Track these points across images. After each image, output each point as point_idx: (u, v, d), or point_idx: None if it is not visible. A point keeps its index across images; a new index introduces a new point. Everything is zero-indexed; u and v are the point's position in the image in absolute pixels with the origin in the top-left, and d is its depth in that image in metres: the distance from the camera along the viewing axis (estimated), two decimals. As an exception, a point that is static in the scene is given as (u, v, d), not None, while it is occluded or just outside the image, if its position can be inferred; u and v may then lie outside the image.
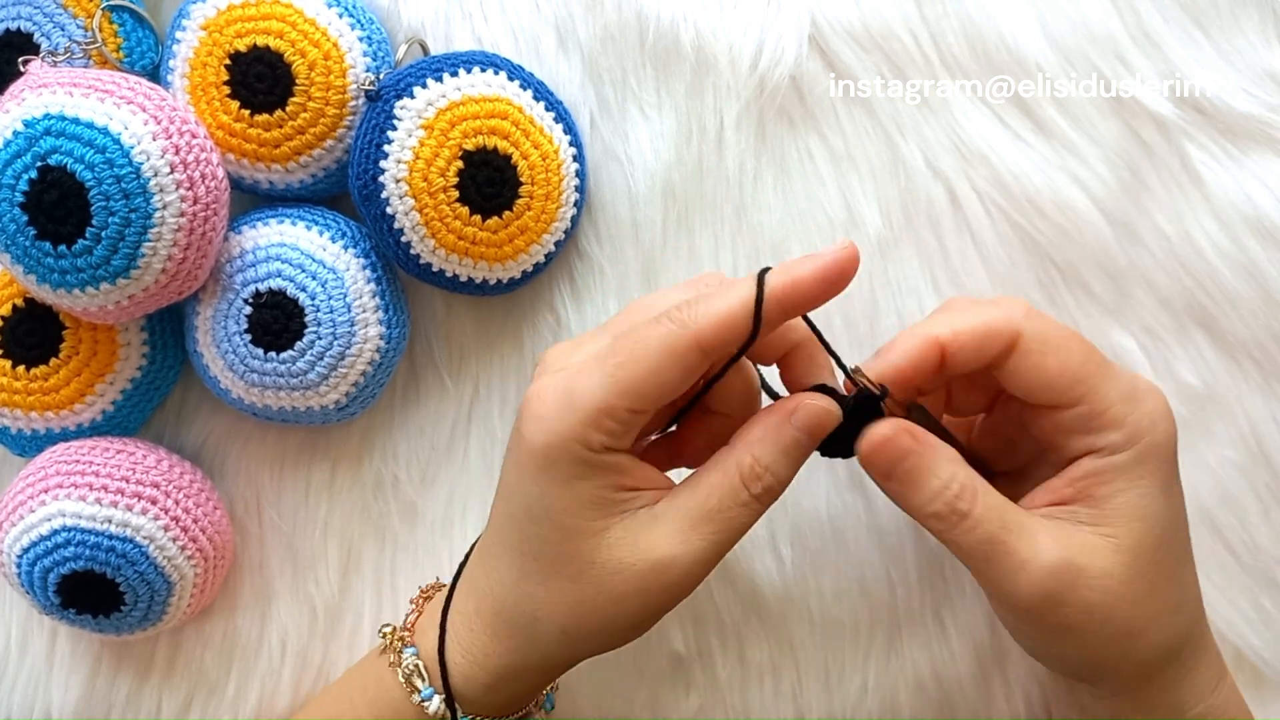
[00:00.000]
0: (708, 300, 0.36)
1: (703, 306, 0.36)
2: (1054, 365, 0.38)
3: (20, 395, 0.47)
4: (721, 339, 0.36)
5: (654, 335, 0.36)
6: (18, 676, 0.51)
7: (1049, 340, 0.38)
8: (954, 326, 0.38)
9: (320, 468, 0.50)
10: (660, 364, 0.36)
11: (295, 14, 0.45)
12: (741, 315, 0.36)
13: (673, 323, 0.36)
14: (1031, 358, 0.38)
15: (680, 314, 0.36)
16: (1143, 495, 0.38)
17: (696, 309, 0.36)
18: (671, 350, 0.36)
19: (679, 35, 0.48)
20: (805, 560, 0.49)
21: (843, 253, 0.36)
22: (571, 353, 0.39)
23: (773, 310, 0.36)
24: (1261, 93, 0.48)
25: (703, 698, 0.50)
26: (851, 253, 0.37)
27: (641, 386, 0.36)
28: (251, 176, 0.46)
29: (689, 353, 0.36)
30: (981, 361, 0.39)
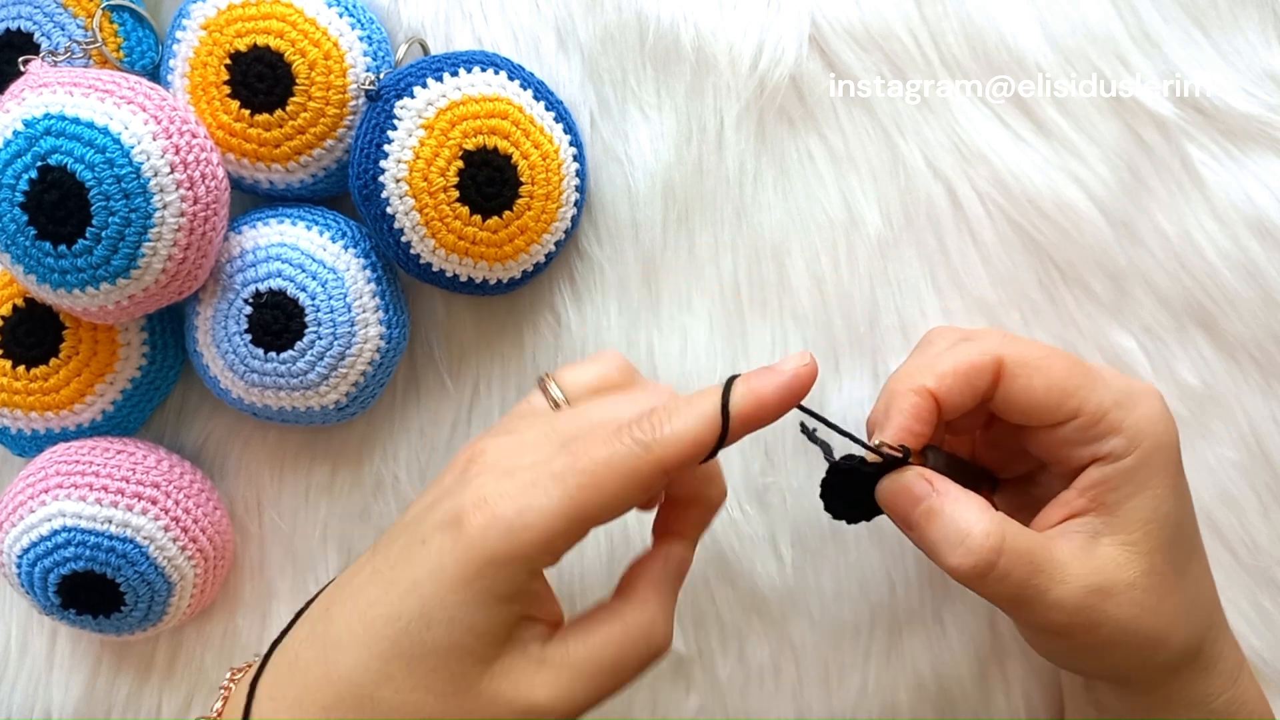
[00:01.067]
0: (671, 418, 0.35)
1: (667, 428, 0.35)
2: (1041, 385, 0.39)
3: (20, 395, 0.47)
4: (685, 461, 0.35)
5: (617, 457, 0.34)
6: (18, 676, 0.51)
7: (1031, 362, 0.39)
8: (938, 372, 0.39)
9: (320, 468, 0.50)
10: (623, 487, 0.34)
11: (295, 14, 0.45)
12: (706, 437, 0.35)
13: (636, 444, 0.34)
14: (1018, 382, 0.39)
15: (643, 434, 0.34)
16: (1154, 496, 0.39)
17: (660, 429, 0.35)
18: (634, 473, 0.34)
19: (679, 35, 0.48)
20: (805, 560, 0.50)
21: (803, 368, 0.36)
22: (516, 454, 0.36)
23: (736, 430, 0.35)
24: (1261, 93, 0.48)
25: (703, 697, 0.50)
26: (811, 367, 0.36)
27: (603, 509, 0.34)
28: (252, 176, 0.46)
29: (652, 475, 0.34)
30: (973, 399, 0.39)
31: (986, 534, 0.37)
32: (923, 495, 0.38)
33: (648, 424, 0.35)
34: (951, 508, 0.38)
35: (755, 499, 0.49)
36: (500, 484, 0.34)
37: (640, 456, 0.34)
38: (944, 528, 0.37)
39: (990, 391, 0.40)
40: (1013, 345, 0.40)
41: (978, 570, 0.37)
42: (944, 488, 0.38)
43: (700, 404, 0.35)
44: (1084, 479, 0.39)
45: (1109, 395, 0.39)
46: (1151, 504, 0.38)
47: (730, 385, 0.36)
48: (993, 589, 0.37)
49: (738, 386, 0.36)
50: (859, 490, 0.40)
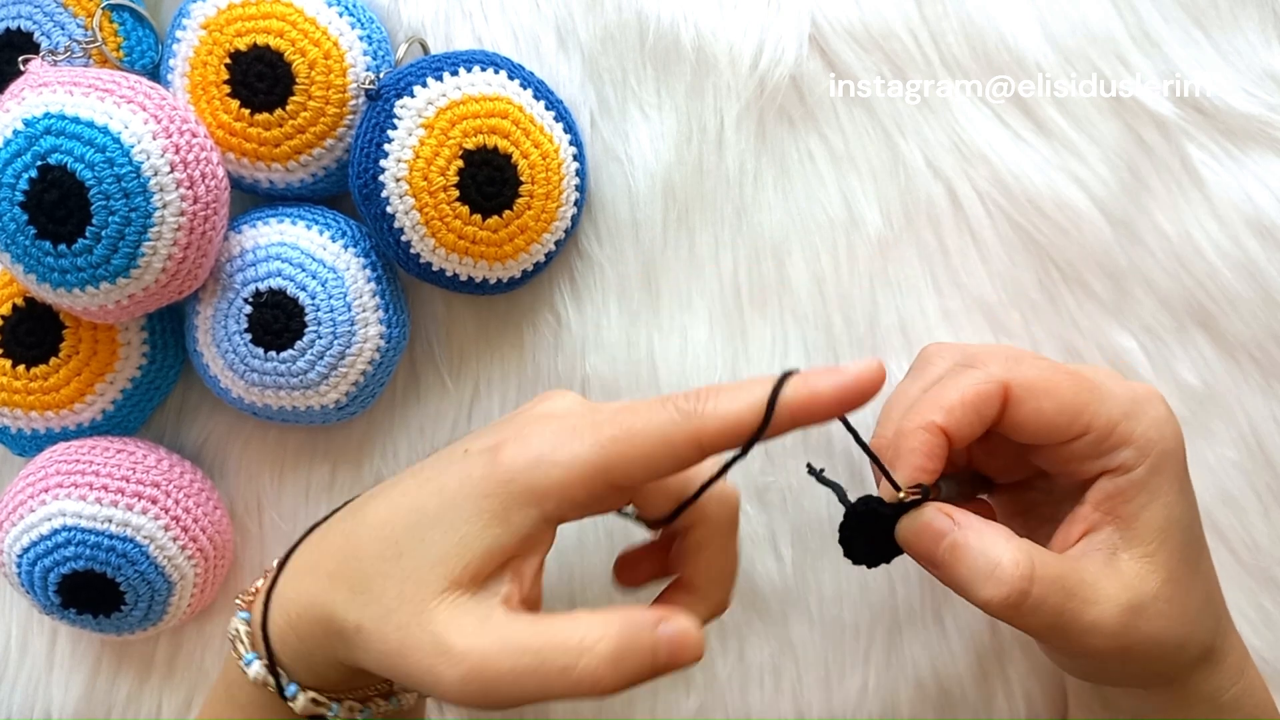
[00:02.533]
0: (718, 396, 0.34)
1: (711, 402, 0.34)
2: (1050, 408, 0.38)
3: (20, 395, 0.47)
4: (723, 440, 0.34)
5: (655, 419, 0.34)
6: (18, 676, 0.51)
7: (1038, 386, 0.39)
8: (945, 405, 0.38)
9: (320, 467, 0.50)
10: (655, 449, 0.34)
11: (295, 13, 0.45)
12: (750, 420, 0.34)
13: (677, 412, 0.34)
14: (1026, 406, 0.39)
15: (687, 404, 0.34)
16: (1165, 505, 0.39)
17: (705, 404, 0.34)
18: (669, 439, 0.34)
19: (679, 35, 0.48)
20: (805, 560, 0.49)
21: (868, 373, 0.34)
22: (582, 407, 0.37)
23: (783, 420, 0.34)
24: (1261, 93, 0.48)
25: (703, 698, 0.50)
26: (879, 375, 0.34)
27: (629, 467, 0.34)
28: (252, 176, 0.46)
29: (686, 445, 0.34)
30: (982, 427, 0.39)
31: (1016, 563, 0.36)
32: (945, 530, 0.37)
33: (694, 396, 0.35)
34: (977, 540, 0.37)
35: (755, 499, 0.49)
36: (545, 425, 0.36)
37: (678, 424, 0.34)
38: (972, 561, 0.37)
39: (998, 418, 0.39)
40: (1017, 369, 0.39)
41: (1010, 601, 0.36)
42: (965, 520, 0.38)
43: (751, 388, 0.34)
44: (1096, 492, 0.39)
45: (1117, 407, 0.38)
46: (1164, 512, 0.38)
47: (786, 376, 0.35)
48: (1028, 619, 0.37)
49: (794, 379, 0.34)
50: (878, 531, 0.39)
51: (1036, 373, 0.39)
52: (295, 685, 0.37)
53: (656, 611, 0.34)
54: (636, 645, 0.33)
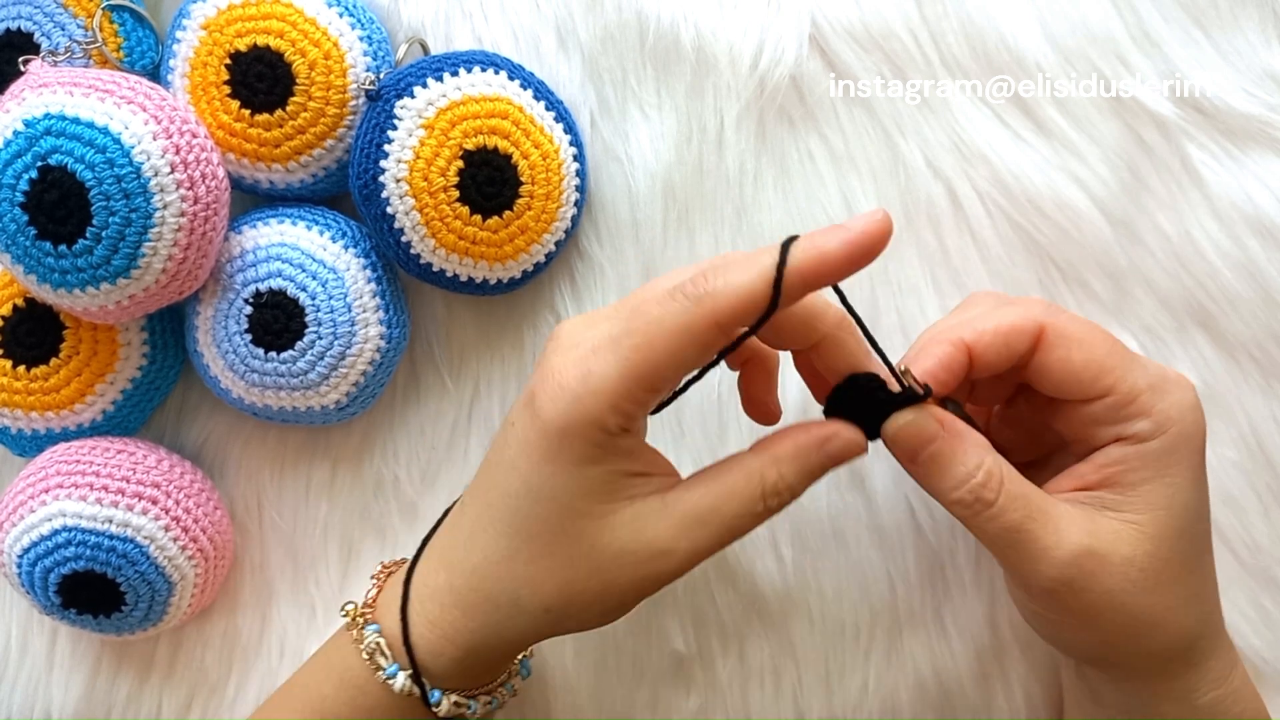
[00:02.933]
0: (725, 273, 0.34)
1: (719, 281, 0.34)
2: (1079, 359, 0.38)
3: (20, 395, 0.47)
4: (739, 316, 0.34)
5: (669, 315, 0.34)
6: (18, 676, 0.51)
7: (1072, 335, 0.39)
8: (978, 329, 0.39)
9: (321, 468, 0.50)
10: (677, 345, 0.35)
11: (295, 14, 0.45)
12: (761, 290, 0.34)
13: (688, 299, 0.34)
14: (1056, 353, 0.39)
15: (695, 289, 0.34)
16: (1171, 484, 0.38)
17: (713, 283, 0.34)
18: (687, 330, 0.34)
19: (679, 35, 0.48)
20: (805, 560, 0.50)
21: (874, 225, 0.34)
22: (586, 329, 0.37)
23: (794, 286, 0.34)
24: (1261, 93, 0.48)
25: (703, 697, 0.50)
26: (884, 225, 0.34)
27: (659, 369, 0.35)
28: (252, 176, 0.46)
29: (706, 331, 0.34)
30: (1008, 361, 0.39)
31: (988, 471, 0.37)
32: (933, 436, 0.38)
33: (700, 278, 0.34)
34: (956, 444, 0.38)
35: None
36: (566, 356, 0.36)
37: (691, 312, 0.34)
38: (948, 461, 0.37)
39: (1027, 358, 0.39)
40: (1057, 315, 0.39)
41: (975, 502, 0.37)
42: (953, 428, 0.38)
43: (758, 257, 0.34)
44: (1102, 455, 0.39)
45: (1144, 378, 0.38)
46: (1167, 491, 0.38)
47: (790, 240, 0.34)
48: (987, 526, 0.37)
49: (800, 242, 0.34)
50: (866, 411, 0.38)
51: (1075, 324, 0.39)
52: (439, 692, 0.40)
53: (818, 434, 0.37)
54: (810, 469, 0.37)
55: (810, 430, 0.38)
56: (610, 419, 0.36)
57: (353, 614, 0.41)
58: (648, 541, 0.37)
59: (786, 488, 0.37)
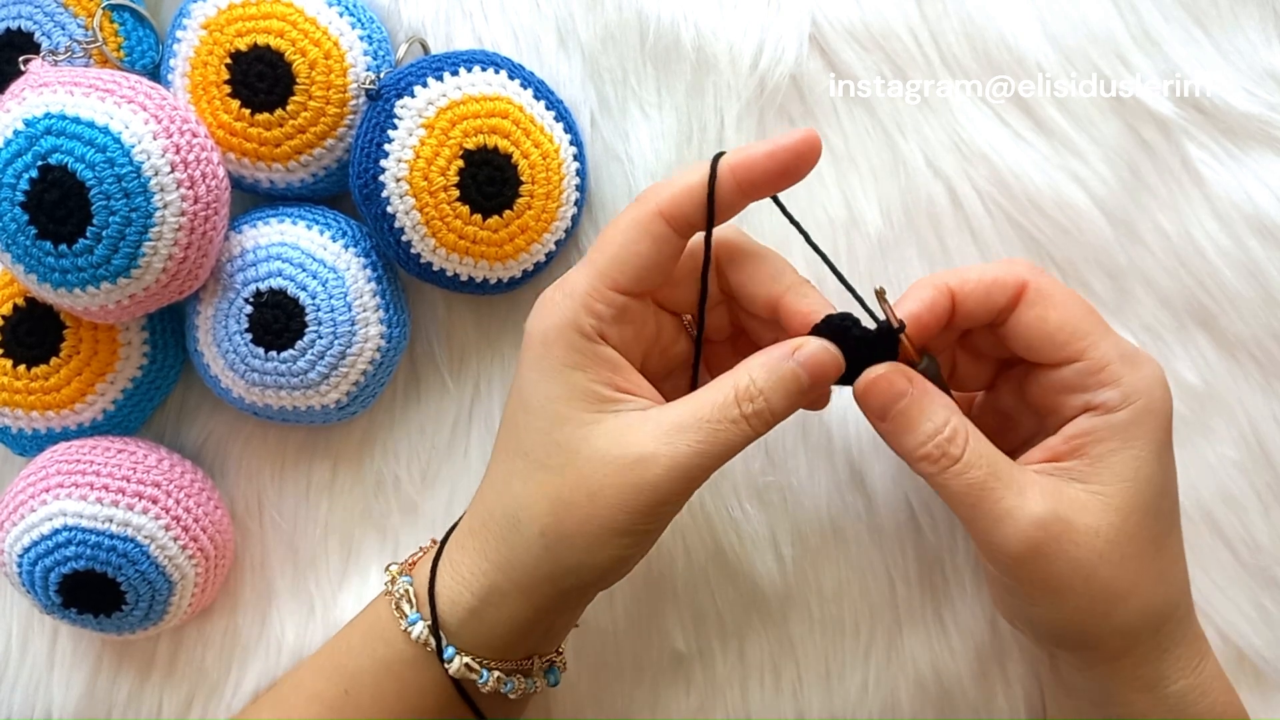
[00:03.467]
0: (667, 179, 0.39)
1: (662, 184, 0.39)
2: (1055, 319, 0.39)
3: (21, 395, 0.47)
4: (681, 208, 0.38)
5: (622, 217, 0.39)
6: (19, 676, 0.51)
7: (1051, 296, 0.40)
8: (963, 277, 0.40)
9: (321, 467, 0.50)
10: (629, 236, 0.39)
11: (296, 13, 0.45)
12: (698, 186, 0.38)
13: (636, 201, 0.39)
14: (1034, 310, 0.40)
15: (643, 193, 0.39)
16: (1136, 457, 0.39)
17: (658, 187, 0.39)
18: (636, 222, 0.39)
19: (679, 35, 0.48)
20: (805, 559, 0.50)
21: (799, 139, 0.38)
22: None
23: (727, 184, 0.38)
24: (1262, 92, 0.48)
25: (703, 696, 0.50)
26: (809, 140, 0.38)
27: (618, 260, 0.39)
28: (252, 176, 0.46)
29: (652, 221, 0.38)
30: (988, 312, 0.40)
31: (954, 428, 0.38)
32: (903, 392, 0.38)
33: (650, 187, 0.40)
34: (926, 403, 0.38)
35: (755, 498, 0.49)
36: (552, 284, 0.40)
37: (639, 209, 0.39)
38: (916, 417, 0.38)
39: (1006, 314, 0.40)
40: (1042, 276, 0.40)
41: (940, 463, 0.38)
42: (922, 387, 0.39)
43: (693, 166, 0.39)
44: (1071, 427, 0.40)
45: (1115, 349, 0.39)
46: (1134, 464, 0.39)
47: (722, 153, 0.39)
48: (951, 483, 0.38)
49: (731, 151, 0.39)
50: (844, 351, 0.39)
51: (1056, 287, 0.40)
52: (453, 649, 0.40)
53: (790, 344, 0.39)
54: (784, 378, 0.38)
55: (783, 342, 0.39)
56: (584, 318, 0.39)
57: (393, 571, 0.43)
58: (627, 447, 0.38)
59: (759, 393, 0.38)
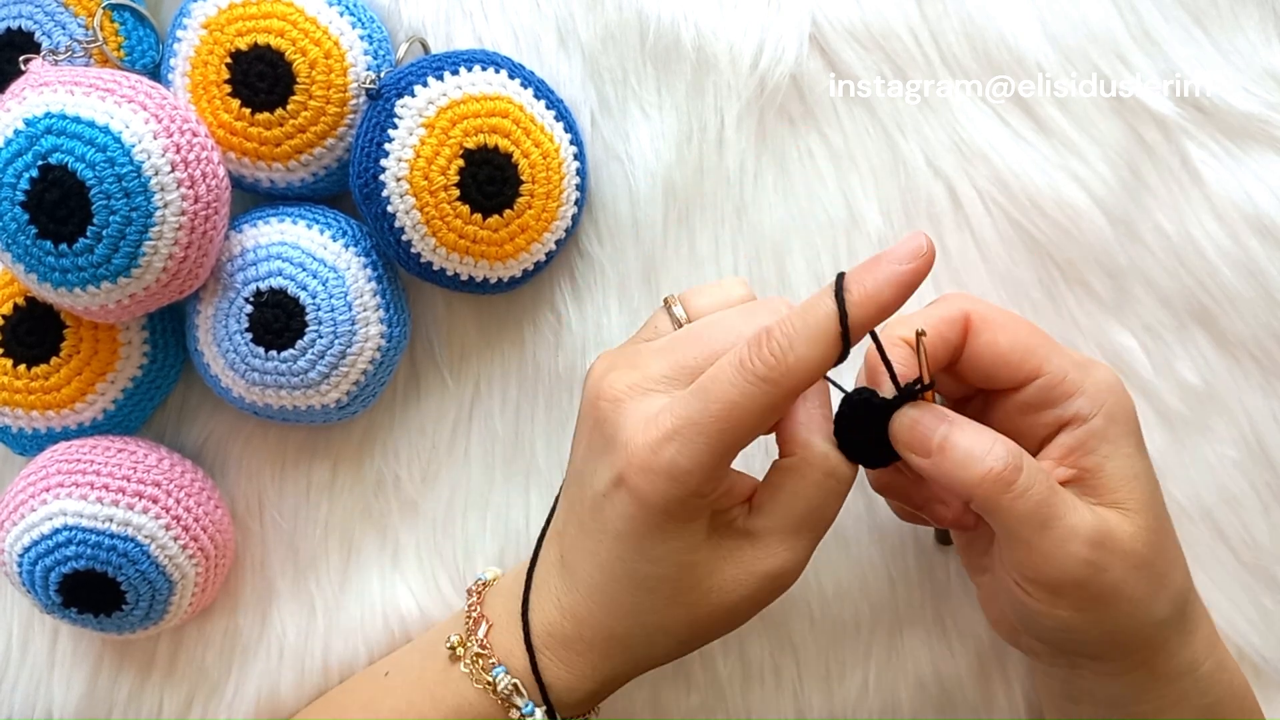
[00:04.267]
0: (792, 345, 0.36)
1: (791, 357, 0.36)
2: (1005, 341, 0.40)
3: (21, 394, 0.47)
4: (812, 382, 0.37)
5: (747, 398, 0.36)
6: (19, 676, 0.51)
7: (995, 320, 0.40)
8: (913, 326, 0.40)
9: (321, 467, 0.50)
10: (758, 420, 0.37)
11: (296, 12, 0.45)
12: (831, 354, 0.36)
13: (764, 382, 0.36)
14: (983, 338, 0.40)
15: (766, 370, 0.36)
16: (1127, 458, 0.39)
17: (785, 360, 0.36)
18: (767, 409, 0.36)
19: (679, 35, 0.48)
20: (806, 559, 0.50)
21: (921, 259, 0.36)
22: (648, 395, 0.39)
23: (858, 331, 0.36)
24: (1262, 91, 0.48)
25: (703, 696, 0.50)
26: (929, 256, 0.36)
27: (742, 442, 0.37)
28: (252, 175, 0.46)
29: (784, 405, 0.37)
30: (949, 354, 0.41)
31: (1009, 450, 0.37)
32: (939, 423, 0.38)
33: (769, 356, 0.36)
34: (970, 432, 0.38)
35: (756, 498, 0.49)
36: (647, 437, 0.37)
37: (770, 394, 0.36)
38: (965, 449, 0.37)
39: (959, 349, 0.40)
40: (978, 304, 0.41)
41: (1004, 478, 0.37)
42: (956, 419, 0.38)
43: (819, 323, 0.36)
44: (1056, 447, 0.40)
45: (1067, 359, 0.40)
46: (1128, 463, 0.39)
47: (841, 288, 0.36)
48: (1016, 504, 0.37)
49: (852, 290, 0.36)
50: (872, 426, 0.39)
51: (995, 311, 0.41)
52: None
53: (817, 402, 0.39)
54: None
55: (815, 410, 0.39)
56: (705, 489, 0.37)
57: (462, 648, 0.43)
58: (758, 571, 0.39)
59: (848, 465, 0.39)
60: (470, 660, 0.42)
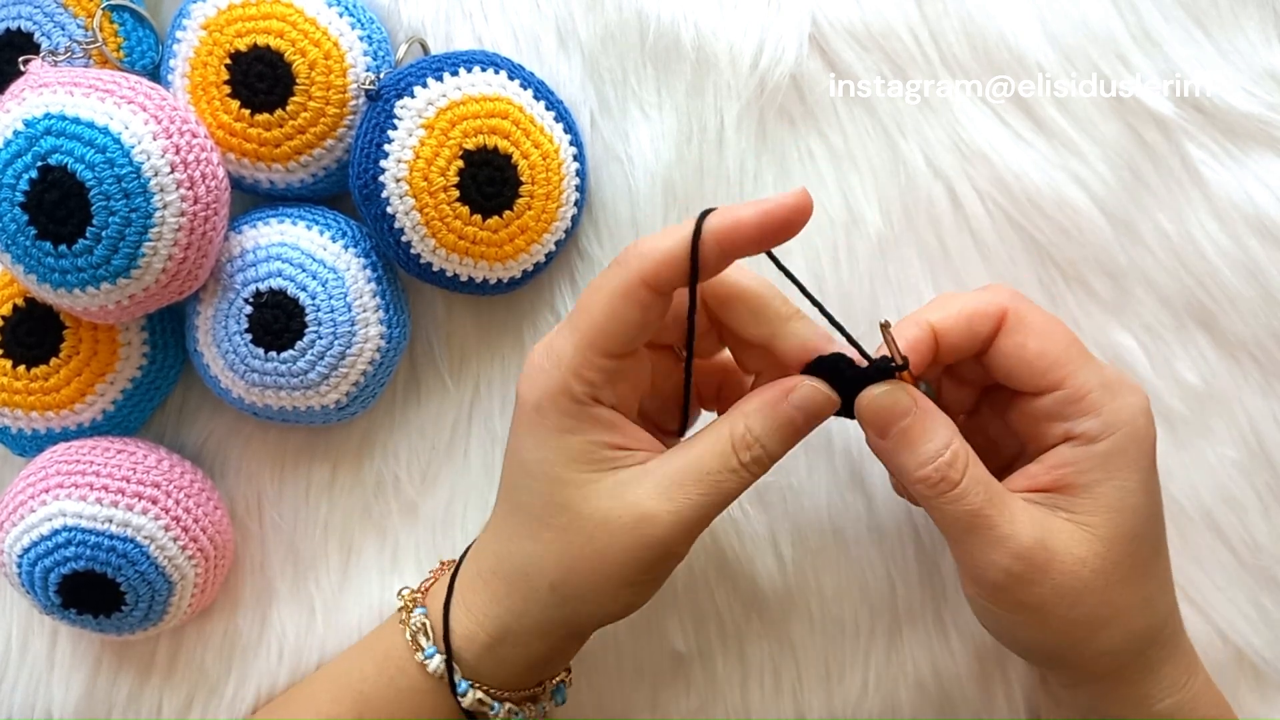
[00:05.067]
0: (648, 240, 0.38)
1: (644, 245, 0.38)
2: (1034, 347, 0.39)
3: (21, 395, 0.47)
4: (664, 275, 0.37)
5: (604, 283, 0.38)
6: (19, 676, 0.51)
7: (1032, 324, 0.40)
8: (944, 311, 0.40)
9: (321, 467, 0.50)
10: (614, 306, 0.38)
11: (296, 13, 0.45)
12: (681, 251, 0.37)
13: (618, 266, 0.38)
14: (1014, 338, 0.39)
15: (624, 256, 0.38)
16: (1120, 487, 0.38)
17: (638, 248, 0.38)
18: (621, 291, 0.37)
19: (679, 35, 0.48)
20: (805, 560, 0.50)
21: (791, 200, 0.37)
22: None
23: (711, 249, 0.37)
24: (1262, 92, 0.48)
25: (703, 696, 0.50)
26: (802, 202, 0.37)
27: (605, 330, 0.38)
28: (252, 176, 0.46)
29: (637, 289, 0.37)
30: (971, 344, 0.40)
31: (955, 451, 0.38)
32: (906, 410, 0.38)
33: (630, 248, 0.38)
34: (929, 423, 0.38)
35: (755, 499, 0.49)
36: (538, 345, 0.40)
37: (620, 275, 0.37)
38: (918, 437, 0.38)
39: (988, 342, 0.40)
40: (1022, 303, 0.40)
41: (944, 483, 0.37)
42: (925, 405, 0.38)
43: (677, 227, 0.38)
44: (1053, 456, 0.39)
45: (1096, 377, 0.39)
46: (1118, 494, 0.38)
47: (707, 212, 0.37)
48: (947, 508, 0.37)
49: (717, 211, 0.37)
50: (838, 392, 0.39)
51: (1037, 314, 0.40)
52: (467, 683, 0.41)
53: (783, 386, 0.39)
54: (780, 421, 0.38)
55: (777, 384, 0.39)
56: (575, 385, 0.38)
57: (405, 598, 0.44)
58: (630, 506, 0.38)
59: (755, 440, 0.38)
60: (405, 606, 0.43)
